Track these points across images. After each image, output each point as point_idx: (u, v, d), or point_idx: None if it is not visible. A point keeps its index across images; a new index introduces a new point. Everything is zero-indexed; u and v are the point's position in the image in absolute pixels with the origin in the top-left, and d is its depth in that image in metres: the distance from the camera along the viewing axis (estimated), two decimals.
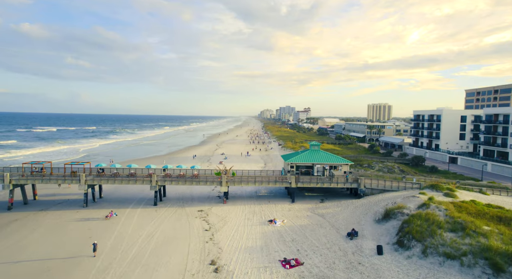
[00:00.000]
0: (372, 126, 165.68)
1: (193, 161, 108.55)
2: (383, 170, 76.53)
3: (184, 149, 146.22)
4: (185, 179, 59.12)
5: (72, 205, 56.70)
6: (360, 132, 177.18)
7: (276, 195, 64.29)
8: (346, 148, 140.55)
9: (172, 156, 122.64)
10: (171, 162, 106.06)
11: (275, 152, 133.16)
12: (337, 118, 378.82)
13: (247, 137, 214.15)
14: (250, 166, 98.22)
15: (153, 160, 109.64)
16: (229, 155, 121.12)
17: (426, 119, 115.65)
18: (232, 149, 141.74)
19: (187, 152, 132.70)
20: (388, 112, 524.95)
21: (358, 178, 59.16)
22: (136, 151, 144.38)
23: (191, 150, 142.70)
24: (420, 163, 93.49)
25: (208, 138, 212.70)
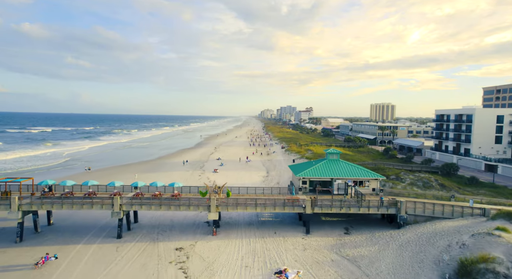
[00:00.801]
0: (384, 127, 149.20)
1: (183, 168, 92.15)
2: (417, 183, 60.14)
3: (177, 153, 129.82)
4: (161, 202, 42.71)
5: (1, 240, 40.35)
6: (370, 133, 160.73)
7: (284, 220, 47.88)
8: (357, 151, 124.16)
9: (161, 161, 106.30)
10: (158, 169, 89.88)
11: (278, 156, 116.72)
12: (341, 118, 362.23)
13: (247, 138, 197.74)
14: (250, 175, 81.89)
15: (138, 167, 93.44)
16: (226, 161, 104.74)
17: (453, 119, 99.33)
18: (230, 153, 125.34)
19: (179, 157, 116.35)
20: (391, 112, 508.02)
21: (398, 201, 42.73)
22: (124, 155, 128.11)
23: (184, 154, 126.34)
24: (453, 172, 77.11)
25: (205, 140, 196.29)
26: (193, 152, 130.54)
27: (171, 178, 77.33)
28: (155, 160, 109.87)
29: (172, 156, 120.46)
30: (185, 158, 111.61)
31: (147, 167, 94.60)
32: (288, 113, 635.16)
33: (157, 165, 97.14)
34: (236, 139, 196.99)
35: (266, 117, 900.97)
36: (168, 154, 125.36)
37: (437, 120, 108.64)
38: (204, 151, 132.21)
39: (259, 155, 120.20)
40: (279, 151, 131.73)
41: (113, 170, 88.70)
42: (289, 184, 61.93)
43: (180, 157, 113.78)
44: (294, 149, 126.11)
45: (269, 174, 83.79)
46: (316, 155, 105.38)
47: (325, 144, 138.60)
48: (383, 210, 42.75)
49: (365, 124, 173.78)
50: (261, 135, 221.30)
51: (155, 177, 77.85)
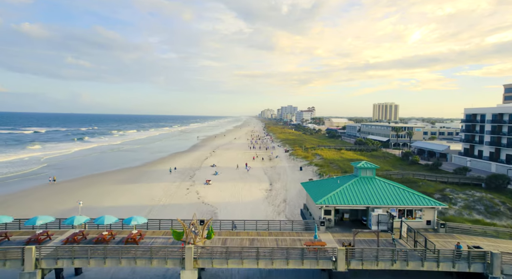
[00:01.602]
0: (399, 128, 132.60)
1: (169, 178, 75.84)
2: (475, 206, 43.86)
3: (168, 158, 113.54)
4: (105, 252, 26.30)
5: None
6: (382, 135, 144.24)
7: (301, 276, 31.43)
8: (371, 156, 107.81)
9: (146, 168, 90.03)
10: (138, 179, 73.56)
11: (282, 162, 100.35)
12: (345, 118, 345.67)
13: (247, 140, 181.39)
14: (250, 188, 65.58)
15: (115, 176, 77.23)
16: (222, 168, 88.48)
17: (489, 119, 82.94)
18: (227, 158, 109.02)
19: (169, 162, 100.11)
20: (394, 112, 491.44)
21: (486, 252, 26.33)
22: (108, 160, 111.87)
23: (176, 158, 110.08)
24: (503, 185, 60.72)
25: (201, 142, 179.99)
26: (186, 157, 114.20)
27: (150, 193, 61.15)
28: (139, 167, 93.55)
29: (162, 161, 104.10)
30: (176, 164, 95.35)
31: (126, 176, 78.34)
32: (289, 113, 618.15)
33: (139, 174, 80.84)
34: (235, 140, 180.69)
35: (267, 117, 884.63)
36: (157, 159, 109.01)
37: (468, 120, 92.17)
38: (198, 156, 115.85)
39: (260, 161, 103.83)
40: (283, 155, 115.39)
41: (83, 181, 72.47)
42: (303, 209, 45.56)
43: (170, 163, 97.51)
44: (300, 153, 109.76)
45: (272, 187, 67.41)
46: (326, 162, 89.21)
47: (334, 147, 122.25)
48: (461, 266, 26.36)
49: (376, 124, 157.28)
50: (262, 137, 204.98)
51: (129, 192, 61.62)
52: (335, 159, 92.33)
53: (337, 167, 79.93)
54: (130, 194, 61.28)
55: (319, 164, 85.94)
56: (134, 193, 61.65)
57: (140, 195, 60.62)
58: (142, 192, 62.42)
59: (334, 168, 79.63)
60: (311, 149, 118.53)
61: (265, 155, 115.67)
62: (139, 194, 61.37)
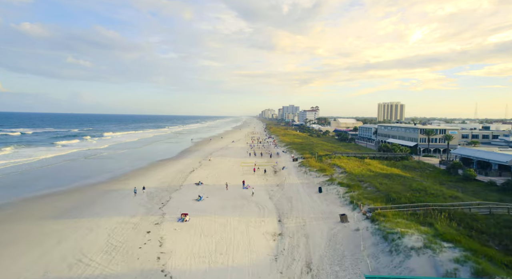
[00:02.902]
0: (431, 131, 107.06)
1: (130, 205, 50.61)
2: None
3: (145, 169, 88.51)
4: None
5: None
6: (407, 138, 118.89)
7: None
8: (403, 167, 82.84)
9: (108, 187, 64.99)
10: (84, 208, 48.02)
11: (291, 177, 75.13)
12: (352, 118, 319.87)
13: (246, 144, 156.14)
14: (248, 229, 40.29)
15: (55, 201, 52.01)
16: (210, 188, 63.47)
17: None
18: (219, 171, 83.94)
19: (143, 176, 75.20)
20: (400, 111, 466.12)
21: None
22: (67, 173, 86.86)
23: (154, 170, 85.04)
24: None
25: (195, 145, 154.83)
26: (169, 167, 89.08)
27: (80, 245, 35.91)
28: (102, 184, 68.46)
29: (135, 174, 78.94)
30: (151, 179, 70.45)
31: (70, 203, 53.25)
32: (291, 113, 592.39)
33: (91, 199, 55.72)
34: (232, 144, 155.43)
35: (267, 117, 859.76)
36: (131, 171, 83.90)
37: None
38: (184, 166, 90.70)
39: (261, 175, 78.60)
40: (290, 165, 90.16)
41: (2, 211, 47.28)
42: None
43: (144, 178, 72.53)
44: (313, 164, 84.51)
45: (284, 228, 42.07)
46: (353, 179, 64.10)
47: (353, 155, 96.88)
48: None
49: (398, 126, 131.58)
50: (263, 139, 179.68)
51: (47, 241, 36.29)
52: (363, 175, 67.16)
53: (373, 190, 54.78)
54: (47, 245, 36.22)
55: (345, 183, 60.75)
56: (53, 245, 36.57)
57: (61, 250, 35.58)
58: (68, 243, 37.38)
59: (369, 191, 54.46)
60: (326, 157, 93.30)
61: (268, 166, 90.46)
62: (63, 246, 36.33)
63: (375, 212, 41.69)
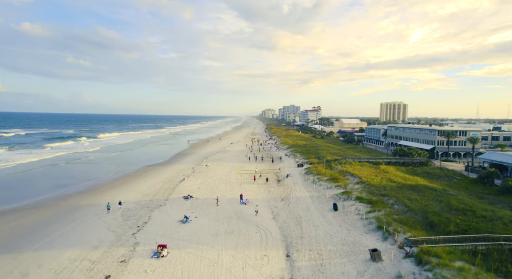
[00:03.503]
0: (451, 133, 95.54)
1: (99, 229, 39.28)
2: None
3: (130, 176, 77.22)
4: None
5: None
6: (423, 141, 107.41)
7: None
8: (425, 175, 71.44)
9: (81, 202, 53.72)
10: (39, 237, 36.72)
11: (298, 188, 63.65)
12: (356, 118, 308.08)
13: (245, 146, 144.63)
14: (246, 271, 29.15)
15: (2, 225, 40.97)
16: (202, 204, 52.10)
17: None
18: (214, 179, 72.54)
19: (125, 187, 63.85)
20: (403, 112, 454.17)
21: None
22: (42, 181, 75.82)
23: (140, 178, 73.72)
24: None
25: (190, 148, 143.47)
26: (157, 175, 77.73)
27: None
28: (71, 197, 57.10)
29: (116, 184, 67.60)
30: (134, 191, 59.18)
31: (24, 223, 41.95)
32: (292, 113, 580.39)
33: (50, 219, 44.35)
34: (231, 146, 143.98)
35: (268, 117, 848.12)
36: (114, 180, 72.65)
37: None
38: (175, 173, 79.32)
39: (263, 184, 67.12)
40: (295, 172, 78.71)
41: None
42: None
43: (125, 188, 61.21)
44: (322, 171, 73.03)
45: (294, 273, 30.58)
46: (373, 191, 52.71)
47: (366, 160, 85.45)
48: None
49: (411, 127, 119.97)
50: (264, 141, 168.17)
51: None
52: (384, 187, 55.67)
53: (402, 208, 43.34)
54: None
55: (365, 198, 49.35)
56: None
57: None
58: None
59: (398, 210, 43.02)
60: (335, 163, 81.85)
61: (270, 173, 79.01)
62: None
63: (420, 247, 30.30)
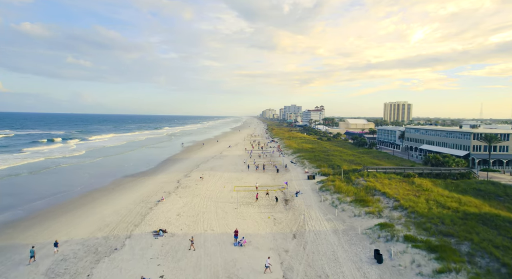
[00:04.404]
0: (493, 136, 78.47)
1: None
2: None
3: (99, 192, 60.37)
4: None
5: None
6: (452, 145, 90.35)
7: None
8: (475, 192, 54.45)
9: (3, 238, 36.60)
10: None
11: (315, 216, 46.67)
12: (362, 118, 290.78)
13: (245, 150, 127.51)
14: None
15: None
16: (178, 244, 35.27)
17: None
18: (202, 198, 55.51)
19: (80, 213, 46.97)
20: (407, 112, 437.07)
21: None
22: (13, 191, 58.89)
23: (109, 197, 56.81)
24: None
25: (183, 152, 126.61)
26: (131, 191, 60.78)
27: None
28: (10, 225, 40.09)
29: (70, 208, 50.72)
30: (86, 220, 42.17)
31: None
32: (293, 113, 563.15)
33: None
34: (228, 150, 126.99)
35: (268, 117, 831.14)
36: (68, 201, 55.79)
37: None
38: (154, 189, 62.26)
39: (266, 206, 49.90)
40: (307, 187, 61.56)
41: None
42: None
43: (79, 215, 44.25)
44: (341, 187, 56.04)
45: None
46: (425, 224, 35.40)
47: (392, 170, 68.38)
48: None
49: (437, 129, 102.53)
50: (265, 144, 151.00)
51: None
52: (441, 217, 38.67)
53: (494, 266, 26.33)
54: None
55: (421, 240, 32.42)
56: None
57: None
58: None
59: (486, 269, 26.00)
60: (355, 174, 64.76)
61: (274, 188, 61.71)
62: None
63: None
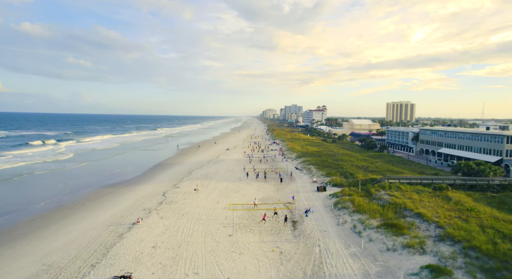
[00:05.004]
0: None
1: None
2: None
3: (64, 211, 49.33)
4: None
5: None
6: (479, 150, 79.15)
7: None
8: None
9: None
10: None
11: (335, 250, 35.71)
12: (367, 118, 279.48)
13: (244, 153, 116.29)
14: None
15: None
16: None
17: None
18: (189, 218, 44.30)
19: (23, 243, 35.75)
20: (410, 112, 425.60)
21: None
22: None
23: (76, 216, 45.60)
24: None
25: (176, 156, 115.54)
26: (105, 208, 49.67)
27: None
28: None
29: (25, 232, 39.54)
30: (36, 251, 30.84)
31: None
32: (294, 113, 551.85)
33: None
34: (226, 153, 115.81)
35: (269, 117, 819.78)
36: (25, 222, 44.56)
37: None
38: (135, 203, 51.10)
39: (269, 233, 38.57)
40: (317, 201, 50.34)
41: None
42: None
43: (25, 245, 32.98)
44: (362, 204, 44.73)
45: None
46: (493, 271, 24.66)
47: (418, 181, 57.16)
48: None
49: (460, 131, 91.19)
50: (266, 146, 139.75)
51: None
52: (510, 255, 27.38)
53: None
54: None
55: None
56: None
57: None
58: None
59: None
60: (375, 186, 53.56)
61: (278, 202, 50.39)
62: None
63: None
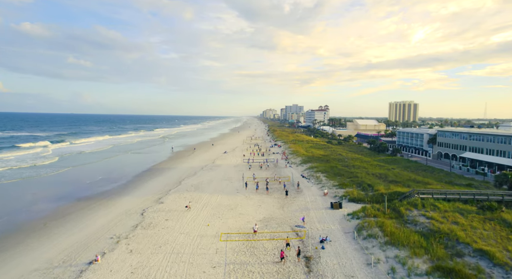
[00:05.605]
0: None
1: None
2: None
3: (17, 233, 38.54)
4: None
5: None
6: (502, 152, 68.33)
7: None
8: None
9: None
10: None
11: None
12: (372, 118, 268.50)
13: (243, 157, 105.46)
14: None
15: None
16: None
17: None
18: (167, 253, 33.46)
19: None
20: (413, 112, 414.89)
21: None
22: None
23: (22, 248, 34.79)
24: None
25: (168, 159, 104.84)
26: (64, 234, 38.86)
27: None
28: None
29: None
30: None
31: None
32: (295, 113, 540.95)
33: None
34: (223, 157, 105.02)
35: (269, 117, 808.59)
36: None
37: None
38: (109, 223, 40.28)
39: (272, 276, 27.79)
40: (334, 225, 39.47)
41: None
42: None
43: None
44: (399, 234, 33.80)
45: None
46: None
47: (456, 196, 46.19)
48: None
49: (486, 133, 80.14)
50: (267, 149, 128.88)
51: None
52: None
53: None
54: None
55: None
56: None
57: None
58: None
59: None
60: (404, 205, 42.77)
61: (283, 223, 39.52)
62: None
63: None
